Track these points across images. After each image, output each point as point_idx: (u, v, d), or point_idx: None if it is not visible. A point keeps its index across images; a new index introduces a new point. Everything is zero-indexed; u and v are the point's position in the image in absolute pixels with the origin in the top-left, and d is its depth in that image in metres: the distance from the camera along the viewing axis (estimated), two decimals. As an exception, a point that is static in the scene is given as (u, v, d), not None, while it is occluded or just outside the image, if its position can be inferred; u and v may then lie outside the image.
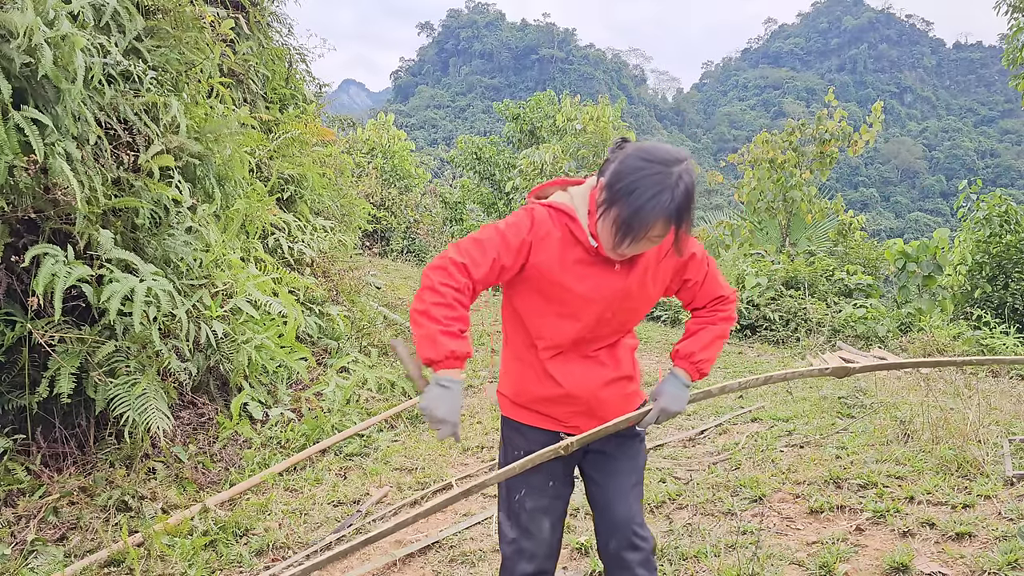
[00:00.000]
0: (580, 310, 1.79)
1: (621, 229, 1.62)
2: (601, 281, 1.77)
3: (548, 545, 1.90)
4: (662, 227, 1.62)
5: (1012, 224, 10.11)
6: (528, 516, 1.88)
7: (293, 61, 7.99)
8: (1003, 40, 11.57)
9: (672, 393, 1.89)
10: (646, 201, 1.58)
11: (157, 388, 3.68)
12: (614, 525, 1.86)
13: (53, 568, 2.91)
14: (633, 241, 1.64)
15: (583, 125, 15.64)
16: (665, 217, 1.60)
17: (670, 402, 1.88)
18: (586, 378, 1.86)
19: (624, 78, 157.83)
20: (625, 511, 1.86)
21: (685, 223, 1.64)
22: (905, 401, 5.11)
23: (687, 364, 1.92)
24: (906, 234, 51.51)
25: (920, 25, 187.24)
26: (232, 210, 4.99)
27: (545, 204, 1.81)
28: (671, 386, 1.90)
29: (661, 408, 1.87)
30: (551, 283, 1.77)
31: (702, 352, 1.92)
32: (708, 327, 1.94)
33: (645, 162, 1.61)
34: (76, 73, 3.28)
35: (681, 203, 1.60)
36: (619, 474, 1.90)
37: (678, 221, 1.62)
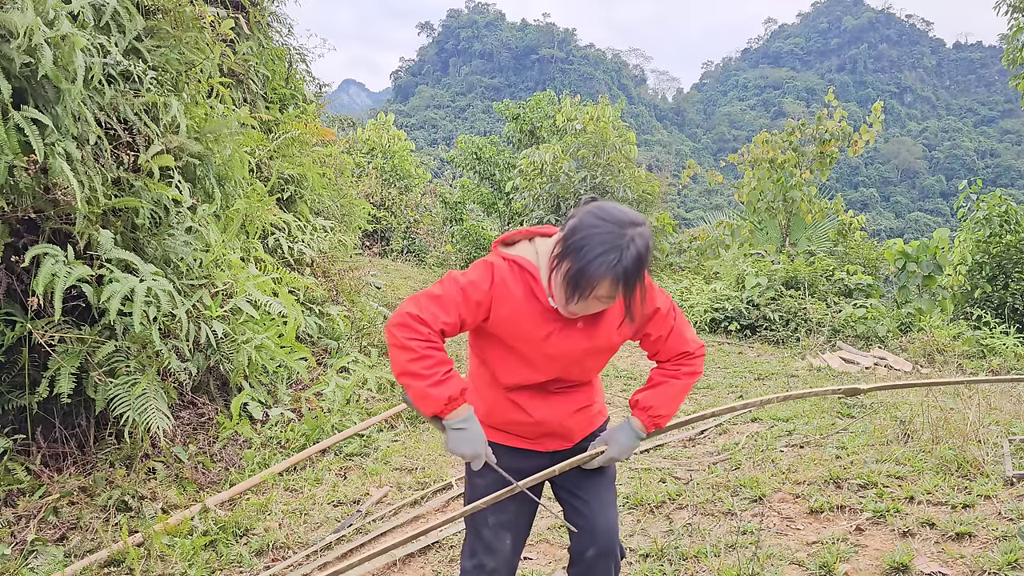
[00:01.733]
0: (542, 365, 1.82)
1: (568, 286, 1.61)
2: (563, 339, 1.77)
3: (508, 562, 1.93)
4: (608, 288, 1.59)
5: (1012, 224, 10.10)
6: (491, 531, 1.90)
7: (293, 61, 7.99)
8: (1003, 40, 11.56)
9: (623, 444, 1.91)
10: (593, 259, 1.56)
11: (157, 388, 3.68)
12: (596, 534, 1.90)
13: (53, 568, 2.91)
14: (580, 299, 1.62)
15: (583, 125, 15.63)
16: (611, 278, 1.57)
17: (620, 452, 1.91)
18: (553, 410, 1.90)
19: (624, 78, 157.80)
20: (606, 522, 1.91)
21: (634, 286, 1.61)
22: (905, 401, 5.11)
23: (645, 417, 1.91)
24: (906, 234, 51.52)
25: (920, 25, 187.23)
26: (232, 210, 4.99)
27: (509, 258, 1.77)
28: (624, 436, 1.91)
29: (609, 457, 1.91)
30: (513, 337, 1.78)
31: (662, 407, 1.91)
32: (671, 381, 1.92)
33: (600, 220, 1.59)
34: (76, 73, 3.28)
35: (629, 265, 1.57)
36: (594, 488, 1.95)
37: (625, 283, 1.59)
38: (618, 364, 7.77)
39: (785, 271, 10.79)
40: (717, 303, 10.38)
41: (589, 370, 1.91)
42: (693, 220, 34.48)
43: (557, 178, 15.25)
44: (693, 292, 11.47)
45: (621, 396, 6.25)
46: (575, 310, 1.67)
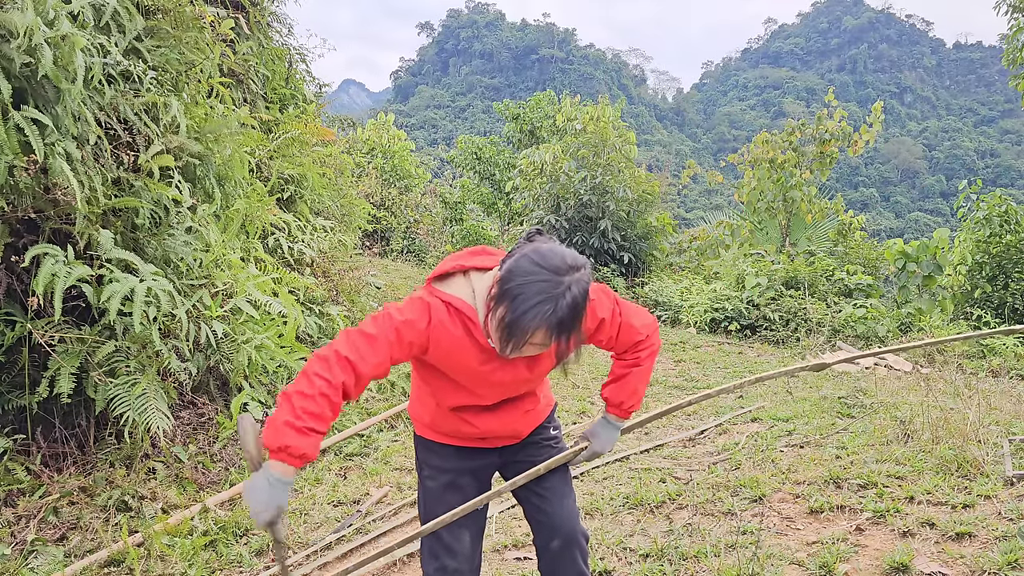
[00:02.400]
0: (485, 392, 1.85)
1: (503, 334, 1.58)
2: (503, 372, 1.79)
3: (470, 561, 1.94)
4: (543, 337, 1.57)
5: (1012, 224, 10.11)
6: (449, 532, 1.90)
7: (293, 61, 7.99)
8: (1003, 40, 11.56)
9: (604, 437, 2.02)
10: (528, 309, 1.53)
11: (157, 388, 3.68)
12: (557, 528, 1.95)
13: (53, 568, 2.91)
14: (515, 347, 1.59)
15: (583, 125, 15.63)
16: (545, 328, 1.55)
17: (602, 445, 2.02)
18: (500, 420, 1.93)
19: (624, 78, 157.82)
20: (565, 512, 1.96)
21: (569, 335, 1.59)
22: (905, 401, 5.11)
23: (619, 411, 2.02)
24: (906, 234, 51.53)
25: (920, 25, 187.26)
26: (232, 210, 4.99)
27: (444, 300, 1.72)
28: (603, 430, 2.03)
29: (593, 451, 2.02)
30: (453, 371, 1.79)
31: (631, 398, 2.00)
32: (633, 371, 1.99)
33: (536, 267, 1.56)
34: (76, 73, 3.28)
35: (564, 316, 1.54)
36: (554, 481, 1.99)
37: (559, 333, 1.57)
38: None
39: (785, 271, 10.79)
40: (717, 303, 10.38)
41: (535, 387, 1.97)
42: (693, 220, 34.51)
43: (557, 178, 15.25)
44: (693, 292, 11.47)
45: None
46: (508, 354, 1.64)
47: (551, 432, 2.08)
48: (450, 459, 1.95)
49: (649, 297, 12.30)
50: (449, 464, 1.95)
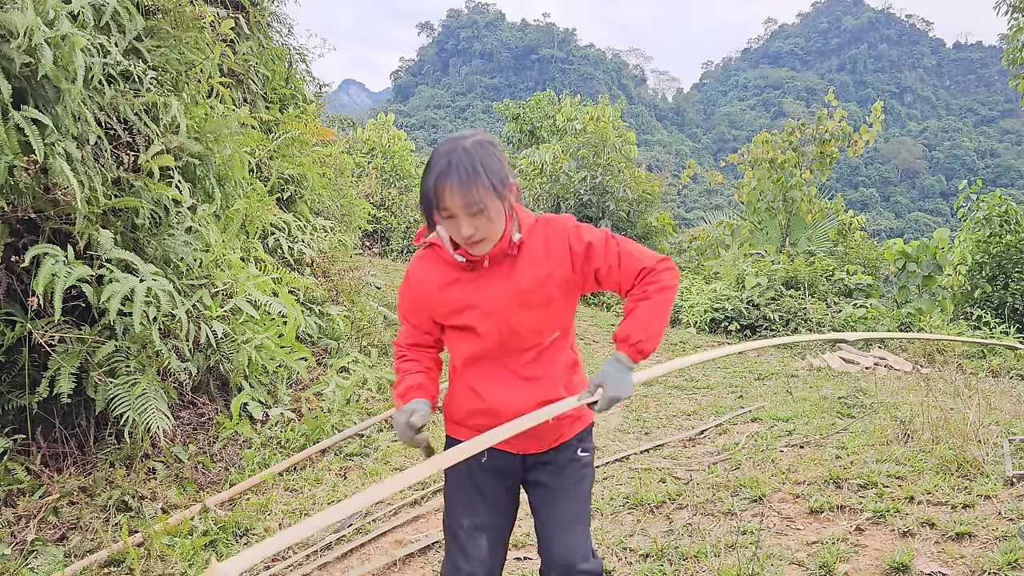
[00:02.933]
0: (478, 324, 1.79)
1: (424, 210, 1.68)
2: (485, 290, 1.77)
3: (486, 566, 1.87)
4: (451, 194, 1.62)
5: (1012, 224, 10.11)
6: (466, 535, 1.86)
7: (293, 61, 7.99)
8: (1003, 40, 11.57)
9: (616, 378, 1.76)
10: (428, 174, 1.64)
11: (157, 388, 3.68)
12: (552, 561, 1.82)
13: (53, 568, 2.91)
14: (442, 217, 1.67)
15: (583, 125, 15.63)
16: (447, 184, 1.61)
17: (616, 389, 1.75)
18: (509, 394, 1.82)
19: (624, 78, 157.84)
20: (562, 546, 1.80)
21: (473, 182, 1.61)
22: (905, 401, 5.11)
23: (627, 347, 1.79)
24: (906, 234, 51.54)
25: (920, 25, 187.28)
26: (232, 210, 4.99)
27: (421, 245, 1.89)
28: (614, 370, 1.77)
29: (608, 397, 1.75)
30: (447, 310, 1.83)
31: (640, 332, 1.78)
32: (642, 304, 1.80)
33: (441, 144, 1.68)
34: (76, 73, 3.28)
35: (457, 163, 1.61)
36: (557, 506, 1.85)
37: (462, 184, 1.60)
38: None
39: (785, 271, 10.79)
40: (717, 303, 10.38)
41: (534, 327, 1.81)
42: (693, 220, 34.50)
43: (557, 178, 15.25)
44: (693, 292, 11.47)
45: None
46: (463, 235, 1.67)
47: (578, 453, 1.91)
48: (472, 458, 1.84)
49: (649, 297, 12.30)
50: (471, 463, 1.87)
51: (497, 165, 1.68)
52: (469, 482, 1.89)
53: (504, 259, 1.78)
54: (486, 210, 1.65)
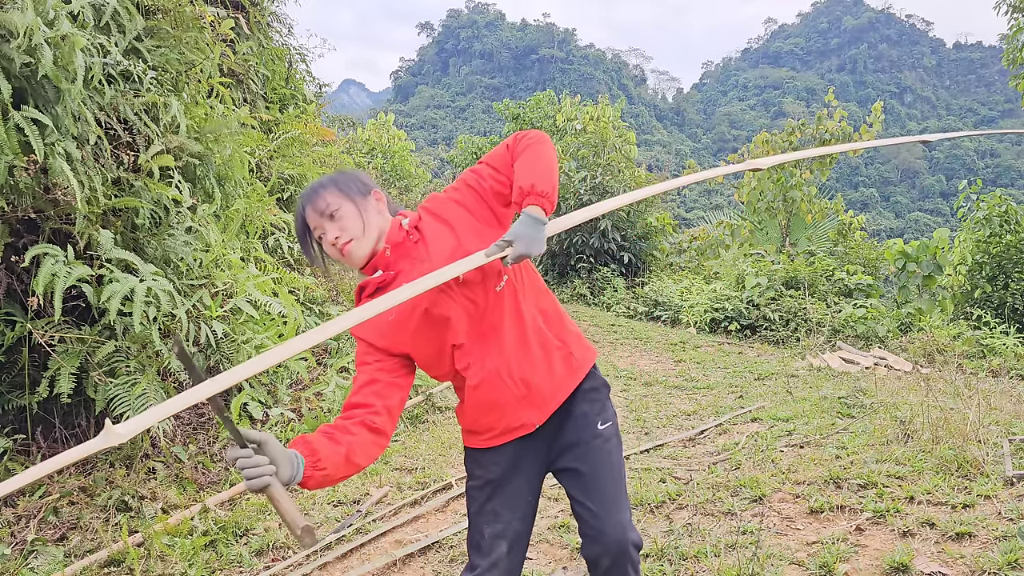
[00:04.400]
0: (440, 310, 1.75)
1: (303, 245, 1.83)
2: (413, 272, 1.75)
3: (506, 569, 1.86)
4: (312, 211, 1.78)
5: (1012, 224, 10.11)
6: (487, 542, 1.86)
7: (293, 61, 7.99)
8: (1003, 40, 11.56)
9: (527, 235, 1.65)
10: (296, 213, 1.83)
11: (157, 388, 3.68)
12: (605, 544, 1.79)
13: (53, 568, 2.91)
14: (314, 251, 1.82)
15: (583, 125, 15.64)
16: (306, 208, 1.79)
17: (528, 246, 1.64)
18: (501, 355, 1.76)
19: (624, 78, 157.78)
20: (613, 528, 1.79)
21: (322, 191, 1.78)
22: (905, 401, 5.11)
23: (534, 198, 1.68)
24: (906, 234, 51.54)
25: (920, 25, 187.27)
26: (232, 210, 4.99)
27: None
28: (526, 227, 1.66)
29: (518, 253, 1.64)
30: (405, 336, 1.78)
31: (542, 182, 1.69)
32: (519, 158, 1.77)
33: None
34: (76, 73, 3.28)
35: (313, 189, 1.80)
36: (596, 488, 1.82)
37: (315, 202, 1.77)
38: (618, 364, 7.77)
39: (785, 271, 10.79)
40: (717, 303, 10.38)
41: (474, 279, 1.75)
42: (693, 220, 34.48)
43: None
44: (693, 292, 11.47)
45: (622, 395, 6.25)
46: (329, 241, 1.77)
47: (599, 427, 1.86)
48: (492, 467, 1.85)
49: (649, 297, 12.30)
50: (492, 473, 1.85)
51: (350, 178, 1.84)
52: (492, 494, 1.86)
53: (411, 245, 1.80)
54: (339, 209, 1.77)
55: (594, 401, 1.89)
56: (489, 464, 1.87)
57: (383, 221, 1.82)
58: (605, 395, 1.93)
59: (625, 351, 8.66)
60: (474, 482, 1.90)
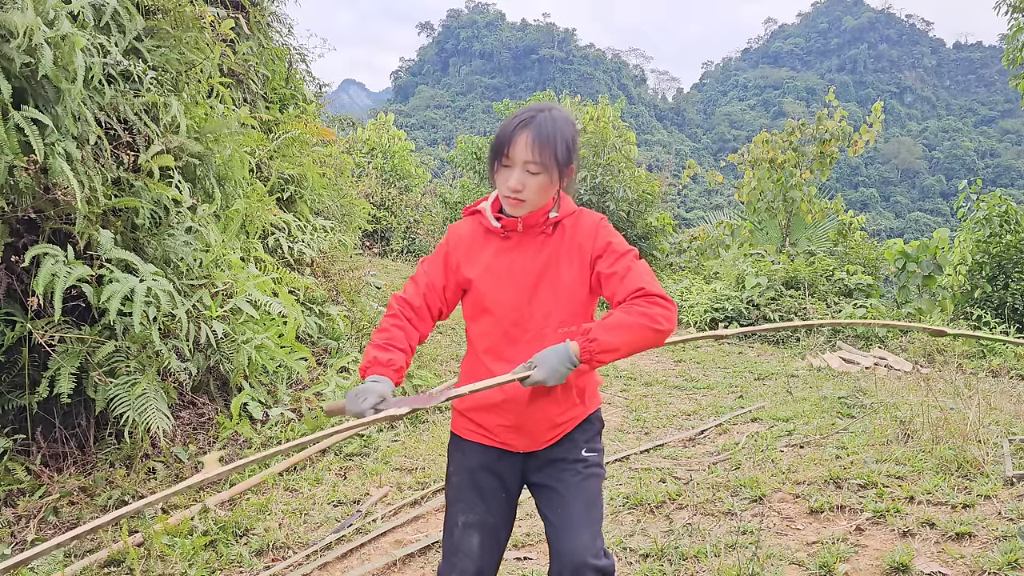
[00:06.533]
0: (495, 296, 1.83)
1: (491, 154, 1.78)
2: (510, 262, 1.84)
3: (476, 563, 1.85)
4: (524, 144, 1.72)
5: (1012, 224, 10.11)
6: (460, 531, 1.88)
7: (293, 61, 7.99)
8: (1003, 40, 11.57)
9: (553, 366, 1.68)
10: (510, 120, 1.76)
11: (157, 388, 3.68)
12: (563, 562, 1.78)
13: (53, 568, 2.91)
14: (501, 164, 1.76)
15: (583, 125, 15.63)
16: (526, 134, 1.72)
17: (545, 375, 1.68)
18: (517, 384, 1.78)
19: (624, 78, 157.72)
20: (572, 547, 1.77)
21: (550, 144, 1.72)
22: (905, 401, 5.11)
23: (582, 339, 1.69)
24: (906, 234, 51.50)
25: (920, 25, 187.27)
26: (232, 210, 4.99)
27: (464, 213, 1.97)
28: (554, 356, 1.68)
29: (535, 380, 1.70)
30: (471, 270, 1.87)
31: (601, 333, 1.67)
32: (618, 314, 1.71)
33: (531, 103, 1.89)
34: (76, 73, 3.28)
35: (543, 123, 1.72)
36: (564, 507, 1.82)
37: (539, 142, 1.71)
38: (619, 365, 7.77)
39: (785, 271, 10.79)
40: (717, 303, 10.38)
41: (542, 313, 1.80)
42: (693, 220, 34.49)
43: (557, 178, 15.22)
44: (693, 292, 11.47)
45: (621, 396, 6.25)
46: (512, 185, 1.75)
47: (582, 453, 1.87)
48: (473, 456, 1.90)
49: (649, 297, 12.29)
50: (472, 461, 1.90)
51: (572, 143, 1.79)
52: (469, 481, 1.90)
53: (538, 235, 1.86)
54: (542, 174, 1.75)
55: (586, 430, 1.93)
56: (471, 452, 1.92)
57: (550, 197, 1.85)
58: (598, 429, 1.97)
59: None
60: (454, 467, 1.95)
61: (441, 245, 1.94)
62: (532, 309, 1.82)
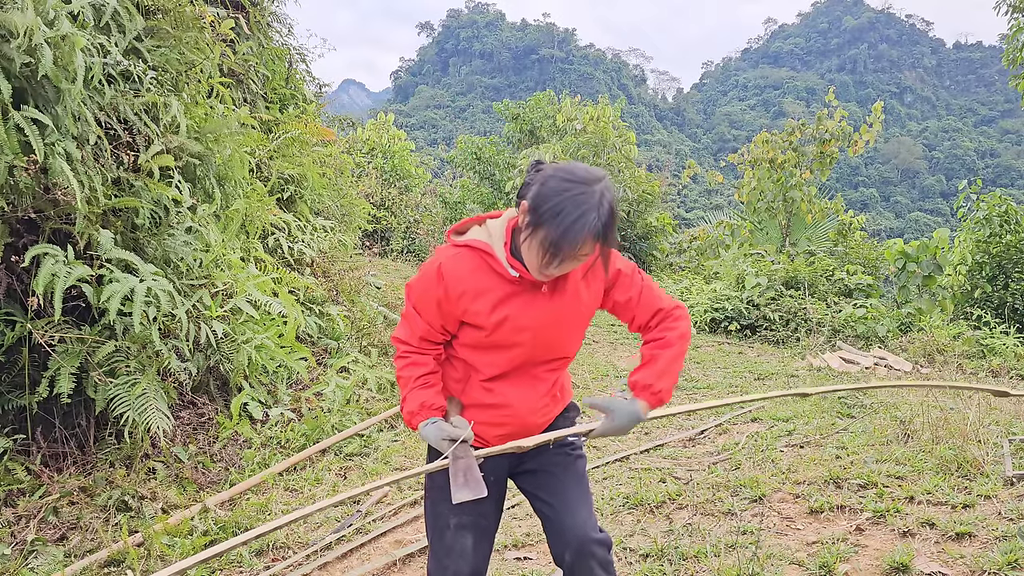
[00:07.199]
0: (512, 339, 1.81)
1: (549, 250, 1.64)
2: (528, 308, 1.79)
3: (472, 565, 1.89)
4: (590, 246, 1.65)
5: (1012, 224, 10.10)
6: (452, 533, 1.89)
7: (293, 61, 7.99)
8: (1003, 40, 11.57)
9: (625, 416, 1.82)
10: (573, 222, 1.61)
11: (157, 388, 3.68)
12: (566, 540, 1.84)
13: (53, 568, 2.91)
14: (562, 262, 1.66)
15: (583, 125, 15.63)
16: (592, 236, 1.63)
17: (618, 425, 1.82)
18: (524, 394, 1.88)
19: (624, 78, 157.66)
20: (573, 523, 1.84)
21: (610, 240, 1.68)
22: (905, 401, 5.11)
23: (648, 395, 1.85)
24: (906, 234, 51.49)
25: (920, 25, 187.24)
26: (232, 210, 4.99)
27: (460, 244, 1.82)
28: (627, 410, 1.82)
29: (606, 428, 1.83)
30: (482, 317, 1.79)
31: (660, 382, 1.85)
32: (662, 353, 1.88)
33: (568, 183, 1.63)
34: (76, 73, 3.28)
35: (607, 221, 1.64)
36: (557, 487, 1.89)
37: (604, 239, 1.66)
38: (618, 364, 7.77)
39: (785, 271, 10.79)
40: (717, 303, 10.38)
41: (564, 343, 1.89)
42: (693, 220, 34.48)
43: (557, 178, 15.21)
44: (693, 292, 11.47)
45: (621, 396, 6.24)
46: (553, 272, 1.71)
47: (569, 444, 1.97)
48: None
49: (649, 297, 12.29)
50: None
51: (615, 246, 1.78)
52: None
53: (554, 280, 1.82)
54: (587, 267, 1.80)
55: (567, 418, 2.02)
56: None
57: None
58: (574, 417, 2.05)
59: (625, 351, 8.66)
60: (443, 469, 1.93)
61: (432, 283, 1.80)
62: (549, 343, 1.86)
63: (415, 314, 1.84)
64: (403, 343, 1.88)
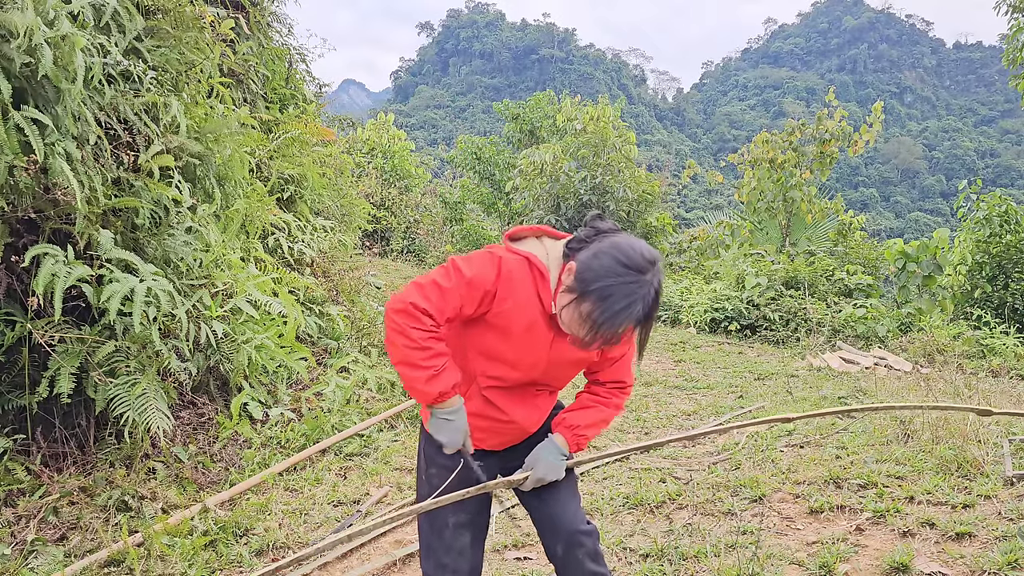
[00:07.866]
0: (524, 363, 1.83)
1: (592, 330, 1.64)
2: (550, 343, 1.81)
3: (470, 562, 1.94)
4: (630, 332, 1.68)
5: (1012, 224, 10.11)
6: (451, 532, 1.92)
7: (293, 61, 7.99)
8: (1003, 40, 11.57)
9: (549, 462, 1.88)
10: (620, 310, 1.61)
11: (157, 388, 3.68)
12: (558, 533, 1.90)
13: (53, 568, 2.91)
14: (601, 342, 1.66)
15: (583, 125, 15.63)
16: (635, 324, 1.65)
17: (547, 471, 1.88)
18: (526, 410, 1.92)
19: (624, 78, 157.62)
20: (563, 517, 1.90)
21: (649, 324, 1.70)
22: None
23: (570, 434, 1.92)
24: (906, 234, 51.49)
25: (920, 25, 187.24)
26: (232, 210, 4.99)
27: (521, 254, 1.77)
28: (548, 454, 1.89)
29: (537, 477, 1.87)
30: (506, 331, 1.78)
31: (587, 429, 1.93)
32: (600, 407, 1.96)
33: (622, 267, 1.62)
34: (76, 73, 3.27)
35: (649, 311, 1.66)
36: (553, 486, 1.93)
37: (643, 328, 1.69)
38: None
39: (785, 271, 10.79)
40: (717, 303, 10.38)
41: (561, 379, 1.95)
42: (693, 220, 34.48)
43: (557, 178, 15.26)
44: (693, 292, 11.47)
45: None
46: (587, 346, 1.70)
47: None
48: (455, 455, 1.90)
49: (649, 297, 12.29)
50: (454, 461, 1.91)
51: None
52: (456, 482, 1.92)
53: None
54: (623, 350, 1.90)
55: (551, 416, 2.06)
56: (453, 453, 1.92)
57: None
58: None
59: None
60: (435, 469, 1.96)
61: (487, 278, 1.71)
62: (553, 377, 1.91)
63: (456, 289, 1.68)
64: (430, 316, 1.66)
